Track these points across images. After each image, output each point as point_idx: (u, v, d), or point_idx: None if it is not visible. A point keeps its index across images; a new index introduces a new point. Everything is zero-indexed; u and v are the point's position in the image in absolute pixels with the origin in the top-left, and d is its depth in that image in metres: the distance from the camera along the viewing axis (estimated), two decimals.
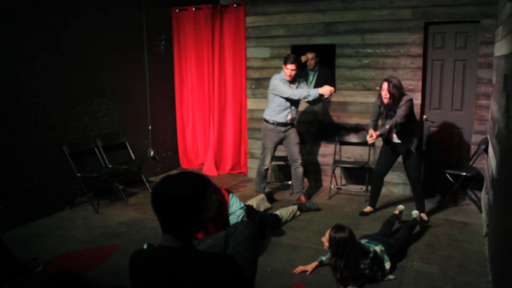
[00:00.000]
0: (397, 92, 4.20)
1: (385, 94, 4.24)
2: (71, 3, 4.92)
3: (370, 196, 4.81)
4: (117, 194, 5.33)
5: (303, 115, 5.83)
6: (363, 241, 3.48)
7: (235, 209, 3.87)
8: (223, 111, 6.47)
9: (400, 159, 4.64)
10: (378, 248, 3.38)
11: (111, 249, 3.93)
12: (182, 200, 1.56)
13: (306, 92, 4.80)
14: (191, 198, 1.58)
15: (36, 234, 4.28)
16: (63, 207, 4.99)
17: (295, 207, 4.77)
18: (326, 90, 4.75)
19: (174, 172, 6.53)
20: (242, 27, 6.09)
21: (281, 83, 4.84)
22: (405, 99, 4.26)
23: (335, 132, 5.63)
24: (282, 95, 4.84)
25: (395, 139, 4.44)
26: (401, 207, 4.40)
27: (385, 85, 4.23)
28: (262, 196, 4.99)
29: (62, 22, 4.84)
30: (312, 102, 5.00)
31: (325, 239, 3.25)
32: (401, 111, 4.23)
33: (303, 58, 5.80)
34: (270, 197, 5.14)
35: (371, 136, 4.27)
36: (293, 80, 4.91)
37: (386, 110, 4.36)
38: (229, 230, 2.31)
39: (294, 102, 4.96)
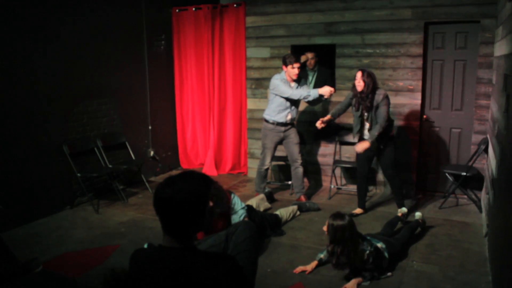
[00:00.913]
0: (371, 82, 4.28)
1: (358, 82, 4.32)
2: (71, 3, 4.92)
3: (358, 197, 4.79)
4: (117, 194, 5.33)
5: (303, 115, 5.82)
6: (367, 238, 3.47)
7: (237, 209, 3.87)
8: (223, 111, 6.47)
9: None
10: (379, 245, 3.39)
11: (111, 249, 3.93)
12: (186, 203, 1.55)
13: (306, 92, 4.80)
14: (195, 201, 1.57)
15: (36, 234, 4.28)
16: (63, 207, 4.99)
17: (295, 207, 4.77)
18: (326, 90, 4.76)
19: (175, 172, 6.54)
20: (242, 27, 6.09)
21: (281, 83, 4.85)
22: (381, 94, 4.30)
23: (335, 132, 5.63)
24: (282, 95, 4.85)
25: (366, 137, 4.47)
26: (404, 209, 4.40)
27: (359, 74, 4.33)
28: (262, 196, 4.99)
29: (62, 22, 4.84)
30: (311, 103, 5.01)
31: (325, 227, 3.27)
32: (382, 112, 4.28)
33: (303, 58, 5.80)
34: (270, 197, 5.14)
35: (319, 123, 4.57)
36: (294, 80, 4.91)
37: (359, 101, 4.38)
38: (230, 230, 2.31)
39: (294, 102, 4.96)
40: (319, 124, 4.58)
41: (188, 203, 1.55)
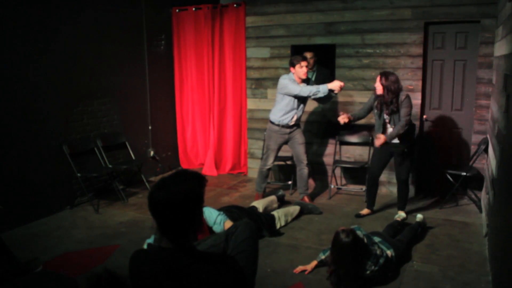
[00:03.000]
0: (392, 85, 4.20)
1: (377, 85, 4.28)
2: (71, 3, 4.92)
3: (367, 198, 4.79)
4: (117, 194, 5.33)
5: (303, 115, 5.81)
6: (377, 240, 3.43)
7: (214, 219, 3.78)
8: (223, 111, 6.47)
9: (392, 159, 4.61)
10: (389, 253, 3.35)
11: (111, 249, 3.93)
12: (182, 205, 1.54)
13: (316, 88, 4.74)
14: (190, 202, 1.56)
15: (36, 234, 4.28)
16: (63, 207, 4.99)
17: (297, 207, 4.73)
18: (336, 84, 4.68)
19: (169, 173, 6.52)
20: (242, 27, 6.09)
21: (290, 82, 4.83)
22: (403, 95, 4.26)
23: (335, 132, 5.63)
24: (291, 92, 4.80)
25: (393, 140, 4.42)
26: (403, 215, 4.40)
27: (377, 78, 4.29)
28: (273, 198, 4.90)
29: (62, 22, 4.84)
30: (322, 100, 4.95)
31: None
32: (403, 113, 4.25)
33: None
34: (281, 200, 5.03)
35: (342, 118, 4.48)
36: (303, 81, 4.89)
37: (381, 105, 4.32)
38: (230, 230, 2.30)
39: (302, 101, 4.91)
40: (342, 119, 4.49)
41: (184, 204, 1.54)
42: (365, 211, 4.76)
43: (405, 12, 5.17)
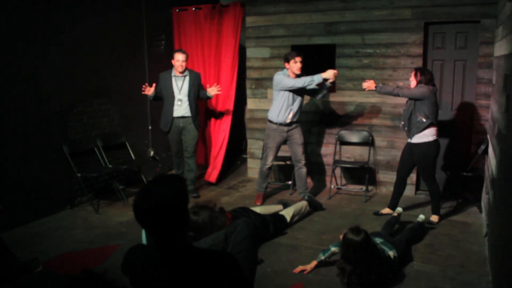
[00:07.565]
0: (421, 75, 4.29)
1: (411, 80, 4.39)
2: (71, 3, 4.92)
3: (391, 196, 4.74)
4: (117, 194, 5.33)
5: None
6: (378, 241, 3.41)
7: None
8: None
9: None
10: (392, 254, 3.34)
11: (111, 249, 3.93)
12: (170, 208, 1.53)
13: (310, 78, 4.72)
14: (178, 200, 1.55)
15: (36, 234, 4.28)
16: (63, 207, 4.99)
17: (305, 202, 4.70)
18: (329, 73, 4.70)
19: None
20: (242, 27, 6.09)
21: (284, 77, 4.84)
22: (425, 85, 4.26)
23: (335, 132, 5.63)
24: (286, 86, 4.80)
25: (413, 139, 4.38)
26: (399, 209, 4.40)
27: (412, 73, 4.39)
28: (279, 207, 4.73)
29: (62, 22, 4.84)
30: (317, 93, 4.94)
31: (341, 236, 3.19)
32: (411, 90, 4.31)
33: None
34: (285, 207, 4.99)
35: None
36: (297, 76, 4.90)
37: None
38: (229, 229, 2.31)
39: (298, 94, 4.91)
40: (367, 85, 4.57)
41: (173, 206, 1.53)
42: (385, 210, 4.74)
43: (405, 12, 5.17)
